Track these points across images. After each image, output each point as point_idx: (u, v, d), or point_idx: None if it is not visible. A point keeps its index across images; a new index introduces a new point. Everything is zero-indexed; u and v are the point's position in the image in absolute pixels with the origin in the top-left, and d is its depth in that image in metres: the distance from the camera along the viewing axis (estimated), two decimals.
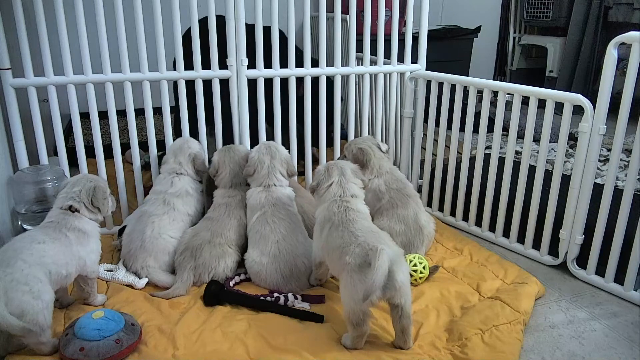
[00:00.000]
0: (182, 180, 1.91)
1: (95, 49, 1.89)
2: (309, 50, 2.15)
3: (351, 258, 1.37)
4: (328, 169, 1.64)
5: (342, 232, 1.46)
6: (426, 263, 1.74)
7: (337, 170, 1.62)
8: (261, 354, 1.40)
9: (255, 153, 1.87)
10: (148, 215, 1.80)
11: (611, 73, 1.62)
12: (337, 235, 1.46)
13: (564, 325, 1.58)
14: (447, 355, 1.40)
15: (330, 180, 1.61)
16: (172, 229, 1.80)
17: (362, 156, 1.93)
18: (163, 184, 1.90)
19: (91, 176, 1.62)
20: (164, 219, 1.80)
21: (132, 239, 1.76)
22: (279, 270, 1.65)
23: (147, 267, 1.72)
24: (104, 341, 1.32)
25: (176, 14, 1.94)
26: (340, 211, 1.52)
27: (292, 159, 2.07)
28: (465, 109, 2.06)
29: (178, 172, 1.92)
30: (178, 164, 1.93)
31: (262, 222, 1.72)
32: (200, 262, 1.69)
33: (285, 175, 1.86)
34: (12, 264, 1.30)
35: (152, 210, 1.81)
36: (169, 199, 1.85)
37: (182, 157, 1.94)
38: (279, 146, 1.90)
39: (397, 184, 1.93)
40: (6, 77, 1.83)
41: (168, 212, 1.82)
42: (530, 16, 4.39)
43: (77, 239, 1.46)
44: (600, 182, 2.15)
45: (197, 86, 2.04)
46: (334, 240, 1.47)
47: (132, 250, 1.74)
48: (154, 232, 1.76)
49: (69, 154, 2.01)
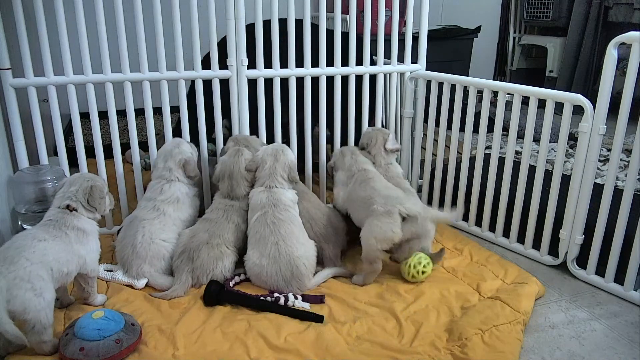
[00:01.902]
0: (172, 186, 1.84)
1: (95, 49, 1.89)
2: (309, 50, 2.15)
3: (378, 206, 1.68)
4: (342, 152, 2.04)
5: (364, 187, 1.82)
6: (426, 262, 1.74)
7: (349, 152, 2.01)
8: (261, 354, 1.40)
9: (262, 152, 1.87)
10: (139, 220, 1.76)
11: (611, 73, 1.62)
12: (360, 189, 1.82)
13: (564, 325, 1.58)
14: (447, 355, 1.40)
15: (344, 158, 1.99)
16: (164, 233, 1.75)
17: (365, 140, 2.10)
18: (152, 191, 1.84)
19: (88, 175, 1.62)
20: (154, 224, 1.75)
21: (124, 245, 1.72)
22: (280, 272, 1.65)
23: (142, 272, 1.69)
24: (104, 341, 1.32)
25: (176, 14, 1.94)
26: (360, 171, 1.90)
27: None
28: (465, 109, 2.06)
29: (168, 179, 1.86)
30: (168, 170, 1.86)
31: (261, 223, 1.72)
32: (198, 264, 1.68)
33: (286, 179, 1.84)
34: (15, 261, 1.30)
35: (143, 215, 1.77)
36: (159, 205, 1.80)
37: (172, 163, 1.87)
38: (286, 150, 1.89)
39: (393, 180, 1.96)
40: (6, 77, 1.83)
41: (159, 217, 1.77)
42: (530, 16, 4.39)
43: (77, 238, 1.46)
44: (600, 182, 2.15)
45: (197, 86, 2.04)
46: (357, 193, 1.82)
47: (125, 256, 1.71)
48: (145, 237, 1.71)
49: (69, 154, 2.01)
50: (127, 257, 1.71)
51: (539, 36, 4.49)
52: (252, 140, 2.04)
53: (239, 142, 1.99)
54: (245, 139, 2.02)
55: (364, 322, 1.53)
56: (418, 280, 1.73)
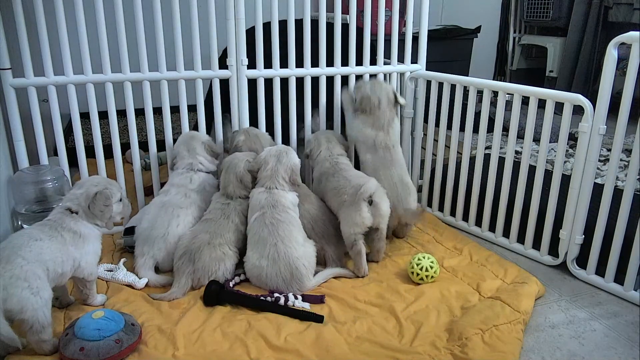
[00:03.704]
0: (200, 176, 1.93)
1: (95, 49, 1.89)
2: (309, 50, 2.15)
3: (347, 196, 1.80)
4: (317, 140, 2.09)
5: (337, 178, 1.91)
6: (437, 268, 1.75)
7: (325, 140, 2.08)
8: (261, 354, 1.40)
9: (265, 153, 1.86)
10: (173, 207, 1.81)
11: (611, 73, 1.62)
12: (333, 180, 1.91)
13: (564, 325, 1.58)
14: (447, 355, 1.40)
15: (320, 148, 2.06)
16: (191, 226, 1.81)
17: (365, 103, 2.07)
18: (182, 179, 1.91)
19: (100, 180, 1.58)
20: (188, 215, 1.82)
21: (156, 225, 1.77)
22: (279, 274, 1.65)
23: (153, 257, 1.74)
24: (104, 341, 1.32)
25: (176, 14, 1.94)
26: (332, 165, 1.98)
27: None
28: (465, 109, 2.06)
29: (195, 169, 1.94)
30: (194, 156, 1.94)
31: (260, 224, 1.72)
32: (199, 266, 1.67)
33: (288, 181, 1.82)
34: (12, 260, 1.30)
35: (177, 202, 1.83)
36: (190, 193, 1.87)
37: (197, 145, 1.96)
38: (291, 153, 1.86)
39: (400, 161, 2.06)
40: (6, 77, 1.83)
41: (190, 207, 1.85)
42: (530, 16, 4.39)
43: (72, 240, 1.45)
44: (600, 182, 2.15)
45: (196, 86, 2.05)
46: (330, 184, 1.91)
47: (153, 236, 1.75)
48: (179, 228, 1.78)
49: (69, 154, 2.01)
50: (154, 238, 1.75)
51: (539, 36, 4.49)
52: (262, 137, 2.06)
53: (250, 137, 2.01)
54: (257, 135, 2.04)
55: (364, 322, 1.53)
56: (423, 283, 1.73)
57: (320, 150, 2.05)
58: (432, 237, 2.09)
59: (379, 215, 1.78)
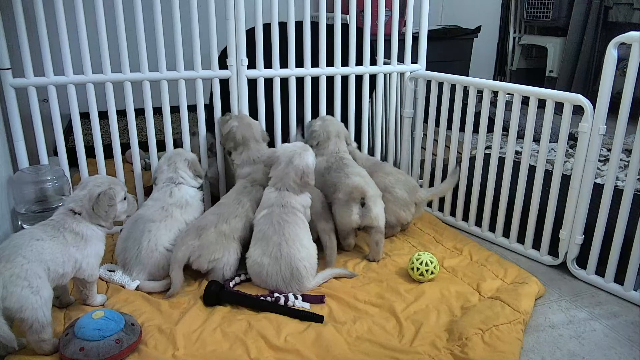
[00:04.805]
0: (181, 190, 1.86)
1: (95, 49, 1.89)
2: (309, 50, 2.15)
3: (340, 194, 1.85)
4: (327, 132, 2.10)
5: (338, 173, 1.94)
6: (437, 263, 1.75)
7: (335, 135, 2.10)
8: (261, 354, 1.40)
9: (281, 150, 1.83)
10: (144, 222, 1.73)
11: (611, 73, 1.62)
12: (335, 175, 1.94)
13: (564, 325, 1.58)
14: (447, 355, 1.40)
15: (328, 142, 2.08)
16: (168, 240, 1.74)
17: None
18: (160, 193, 1.85)
19: (103, 180, 1.57)
20: (160, 228, 1.74)
21: (127, 247, 1.71)
22: (280, 273, 1.65)
23: (140, 278, 1.69)
24: (104, 341, 1.32)
25: (176, 14, 1.94)
26: (336, 160, 2.02)
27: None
28: (465, 109, 2.06)
29: (176, 182, 1.87)
30: (174, 170, 1.89)
31: (267, 221, 1.71)
32: (204, 242, 1.67)
33: (299, 183, 1.78)
34: (12, 259, 1.31)
35: (149, 216, 1.76)
36: (168, 207, 1.80)
37: (179, 160, 1.91)
38: (305, 154, 1.81)
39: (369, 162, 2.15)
40: (6, 77, 1.83)
41: (165, 220, 1.76)
42: (530, 16, 4.39)
43: (74, 241, 1.45)
44: (600, 182, 2.16)
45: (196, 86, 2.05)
46: (331, 179, 1.95)
47: (127, 259, 1.70)
48: (151, 243, 1.70)
49: (69, 154, 2.01)
50: (129, 261, 1.70)
51: (539, 36, 4.49)
52: (254, 126, 2.05)
53: (243, 124, 2.02)
54: (249, 124, 2.04)
55: (364, 322, 1.53)
56: (423, 280, 1.73)
57: (328, 145, 2.08)
58: (432, 237, 2.09)
59: (369, 217, 1.83)
